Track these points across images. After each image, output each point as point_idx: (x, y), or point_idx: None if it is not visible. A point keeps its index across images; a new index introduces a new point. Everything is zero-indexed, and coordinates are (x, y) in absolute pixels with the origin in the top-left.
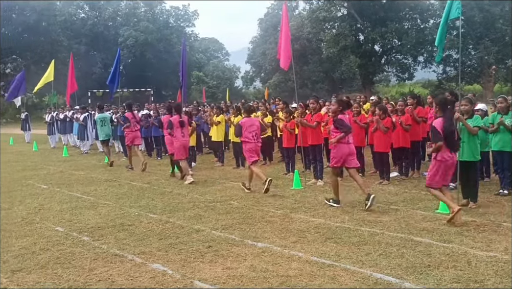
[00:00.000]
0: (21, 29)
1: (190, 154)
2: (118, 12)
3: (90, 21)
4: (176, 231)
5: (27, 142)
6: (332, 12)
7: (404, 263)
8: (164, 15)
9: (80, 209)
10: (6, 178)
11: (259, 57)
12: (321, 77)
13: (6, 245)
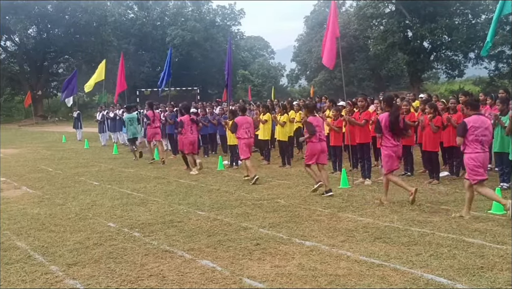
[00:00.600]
0: (73, 30)
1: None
2: (166, 12)
3: (139, 21)
4: (224, 229)
5: (79, 140)
6: (379, 9)
7: (456, 264)
8: (210, 14)
9: (131, 206)
10: (60, 175)
11: (305, 55)
12: (367, 75)
13: (61, 240)
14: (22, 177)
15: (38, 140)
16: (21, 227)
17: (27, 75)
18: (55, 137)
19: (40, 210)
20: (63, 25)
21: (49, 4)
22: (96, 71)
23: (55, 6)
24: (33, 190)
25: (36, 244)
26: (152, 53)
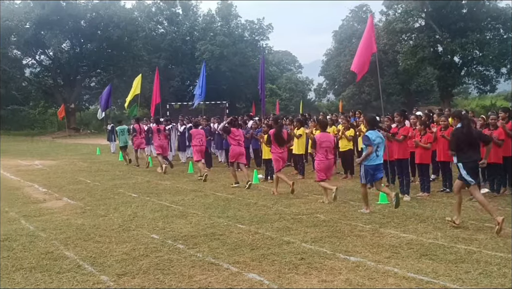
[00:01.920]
0: (105, 45)
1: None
2: (195, 27)
3: (169, 36)
4: (267, 242)
5: (113, 152)
6: (409, 23)
7: (507, 284)
8: (239, 29)
9: (171, 218)
10: (98, 187)
11: (333, 70)
12: (397, 89)
13: (108, 250)
14: (62, 188)
15: (73, 152)
16: (68, 237)
17: (61, 89)
18: (89, 149)
19: (84, 221)
20: (96, 40)
21: (83, 20)
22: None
23: (88, 22)
24: (74, 201)
25: (84, 254)
26: (181, 68)
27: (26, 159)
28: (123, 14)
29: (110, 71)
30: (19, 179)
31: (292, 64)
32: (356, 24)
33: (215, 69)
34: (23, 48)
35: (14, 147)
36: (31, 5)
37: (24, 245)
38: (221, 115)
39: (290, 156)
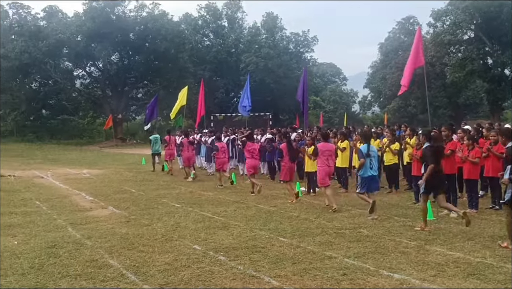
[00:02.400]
0: (153, 57)
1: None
2: (240, 39)
3: (214, 48)
4: (308, 257)
5: (157, 162)
6: (457, 35)
7: None
8: (284, 41)
9: (213, 229)
10: (143, 196)
11: (379, 82)
12: (444, 103)
13: (150, 260)
14: (108, 197)
15: (119, 161)
16: (112, 246)
17: (109, 99)
18: (134, 159)
19: (128, 230)
20: (144, 52)
21: (132, 32)
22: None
23: (137, 34)
24: (119, 210)
25: (127, 263)
26: (226, 79)
27: (74, 167)
28: (170, 27)
29: (157, 83)
30: (68, 187)
31: (337, 76)
32: (403, 36)
33: (259, 81)
34: (74, 60)
35: (64, 156)
36: (83, 18)
37: (70, 252)
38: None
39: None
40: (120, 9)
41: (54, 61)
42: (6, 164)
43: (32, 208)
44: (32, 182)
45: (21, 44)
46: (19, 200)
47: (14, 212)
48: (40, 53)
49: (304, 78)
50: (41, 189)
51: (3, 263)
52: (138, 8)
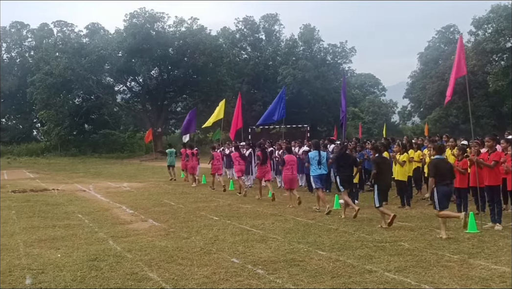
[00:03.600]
0: (191, 71)
1: (353, 191)
2: (278, 52)
3: (252, 61)
4: (348, 270)
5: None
6: (500, 43)
7: None
8: (321, 53)
9: (252, 242)
10: (182, 209)
11: (419, 92)
12: (487, 112)
13: (189, 273)
14: (148, 210)
15: (159, 174)
16: (152, 259)
17: (149, 113)
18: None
19: (167, 243)
20: (182, 66)
21: (171, 47)
22: (216, 110)
23: (176, 49)
24: (158, 223)
25: (166, 276)
26: (263, 92)
27: (115, 181)
28: (208, 41)
29: (195, 96)
30: (109, 201)
31: (375, 87)
32: (443, 45)
33: (296, 93)
34: (115, 76)
35: (105, 170)
36: (124, 35)
37: (111, 265)
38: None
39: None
40: (160, 25)
41: (96, 76)
42: (50, 178)
43: (74, 221)
44: (75, 196)
45: (65, 61)
46: (62, 213)
47: (58, 225)
48: (83, 69)
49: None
50: (83, 202)
51: (46, 275)
52: (177, 23)
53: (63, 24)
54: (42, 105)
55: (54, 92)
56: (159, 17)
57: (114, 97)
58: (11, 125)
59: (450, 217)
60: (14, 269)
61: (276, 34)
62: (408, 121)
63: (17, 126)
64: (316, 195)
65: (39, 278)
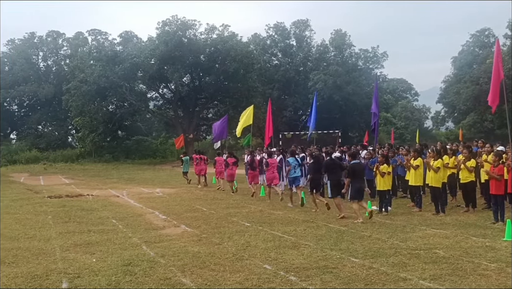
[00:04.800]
0: (222, 77)
1: (385, 198)
2: (308, 58)
3: (283, 67)
4: (382, 278)
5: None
6: None
7: None
8: (353, 58)
9: (284, 248)
10: (213, 215)
11: (452, 97)
12: None
13: (222, 279)
14: (180, 216)
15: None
16: (185, 264)
17: (180, 120)
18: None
19: (200, 249)
20: (214, 73)
21: (202, 54)
22: (244, 116)
23: (207, 56)
24: (191, 228)
25: (199, 281)
26: (294, 98)
27: (148, 186)
28: (239, 48)
29: (226, 103)
30: (142, 206)
31: (408, 92)
32: (478, 49)
33: (327, 99)
34: (148, 83)
35: (138, 175)
36: (157, 42)
37: (145, 270)
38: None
39: (406, 188)
40: (192, 32)
41: (129, 84)
42: (85, 183)
43: (108, 226)
44: (109, 201)
45: (99, 68)
46: (96, 218)
47: (92, 230)
48: (117, 77)
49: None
50: (117, 207)
51: (82, 279)
52: (208, 30)
53: (97, 33)
54: (77, 112)
55: (89, 99)
56: (191, 24)
57: (146, 104)
58: (47, 132)
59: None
60: (51, 273)
61: (307, 40)
62: (442, 126)
63: (53, 133)
64: (290, 194)
65: (75, 282)
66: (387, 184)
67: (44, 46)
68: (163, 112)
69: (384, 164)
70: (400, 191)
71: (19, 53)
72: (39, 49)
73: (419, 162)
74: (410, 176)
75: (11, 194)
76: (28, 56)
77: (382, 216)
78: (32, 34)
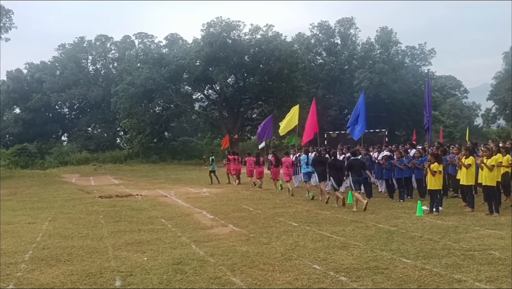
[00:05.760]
0: (267, 77)
1: (437, 198)
2: (354, 56)
3: (327, 66)
4: (435, 279)
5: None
6: None
7: None
8: (399, 55)
9: (333, 249)
10: (260, 215)
11: (504, 93)
12: None
13: (271, 278)
14: (228, 215)
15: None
16: (234, 264)
17: (225, 120)
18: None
19: (248, 248)
20: (258, 73)
21: (246, 55)
22: (289, 116)
23: (251, 56)
24: (238, 228)
25: (249, 281)
26: (339, 97)
27: (195, 186)
28: (283, 48)
29: (271, 103)
30: (189, 206)
31: (457, 89)
32: None
33: (373, 97)
34: (193, 84)
35: (184, 176)
36: (201, 44)
37: (195, 269)
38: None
39: (457, 187)
40: (236, 33)
41: (175, 85)
42: (133, 184)
43: (158, 225)
44: (157, 201)
45: (146, 71)
46: (146, 218)
47: (142, 230)
48: (163, 79)
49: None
50: (165, 207)
51: (135, 277)
52: (252, 31)
53: (144, 36)
54: (125, 114)
55: (136, 101)
56: (235, 25)
57: (192, 105)
58: (97, 134)
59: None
60: (104, 271)
61: (352, 38)
62: (493, 124)
63: (102, 135)
64: (307, 187)
65: (128, 280)
66: (438, 183)
67: (93, 50)
68: (208, 113)
69: (435, 163)
70: (450, 190)
71: (69, 58)
72: (88, 53)
73: (471, 160)
74: (462, 175)
75: (64, 194)
76: (78, 60)
77: (433, 216)
78: (81, 38)
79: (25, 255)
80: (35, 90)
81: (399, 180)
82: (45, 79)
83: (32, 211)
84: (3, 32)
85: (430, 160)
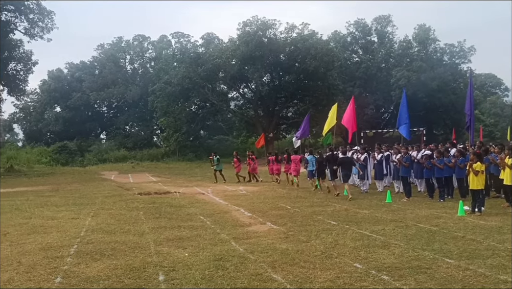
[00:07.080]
0: (302, 76)
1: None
2: (391, 54)
3: (364, 64)
4: (480, 280)
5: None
6: None
7: None
8: (437, 53)
9: (373, 248)
10: (298, 213)
11: None
12: None
13: (312, 276)
14: (265, 213)
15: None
16: (274, 261)
17: (261, 119)
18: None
19: (288, 246)
20: (294, 72)
21: (282, 54)
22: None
23: (287, 55)
24: (276, 226)
25: (290, 278)
26: (376, 95)
27: (231, 184)
28: (319, 46)
29: (306, 101)
30: (227, 203)
31: (497, 87)
32: None
33: (411, 95)
34: (229, 83)
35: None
36: (237, 43)
37: (236, 265)
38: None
39: (499, 187)
40: (272, 32)
41: (211, 84)
42: (171, 181)
43: (197, 222)
44: (195, 198)
45: (182, 70)
46: (185, 214)
47: (182, 226)
48: (199, 78)
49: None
50: (203, 204)
51: (177, 272)
52: (288, 29)
53: (180, 35)
54: (162, 113)
55: (173, 100)
56: (270, 24)
57: (228, 103)
58: (134, 132)
59: None
60: (147, 266)
61: (388, 35)
62: None
63: (139, 133)
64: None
65: (171, 275)
66: (480, 183)
67: (131, 49)
68: (244, 112)
69: (478, 162)
70: (493, 190)
71: (108, 57)
72: (126, 52)
73: None
74: (505, 176)
75: (104, 190)
76: (116, 60)
77: (475, 216)
78: (119, 38)
79: (70, 249)
80: (75, 89)
81: (439, 179)
82: (85, 78)
83: (74, 207)
84: (45, 33)
85: (472, 159)
